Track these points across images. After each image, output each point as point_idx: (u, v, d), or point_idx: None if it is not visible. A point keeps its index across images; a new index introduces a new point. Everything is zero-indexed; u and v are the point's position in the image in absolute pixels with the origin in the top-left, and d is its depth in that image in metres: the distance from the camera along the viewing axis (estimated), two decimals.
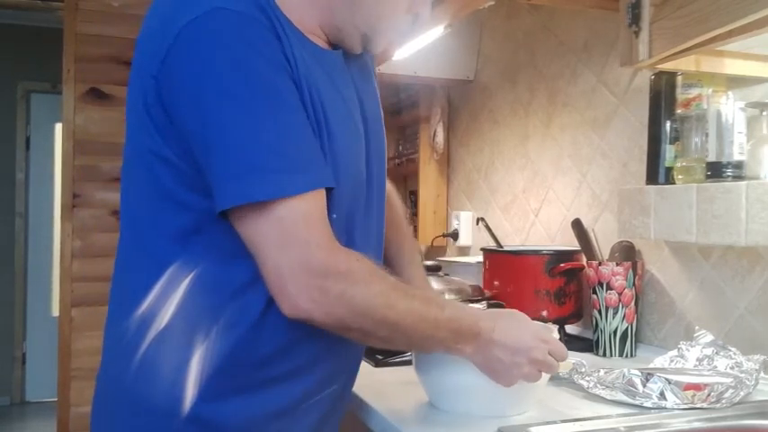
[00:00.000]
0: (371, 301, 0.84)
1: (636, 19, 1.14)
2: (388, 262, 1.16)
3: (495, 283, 1.65)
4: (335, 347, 0.93)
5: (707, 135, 1.24)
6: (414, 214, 2.80)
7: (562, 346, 0.99)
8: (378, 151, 1.02)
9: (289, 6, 0.88)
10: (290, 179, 0.80)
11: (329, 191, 0.86)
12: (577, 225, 1.60)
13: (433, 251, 2.61)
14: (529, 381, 0.96)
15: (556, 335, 1.03)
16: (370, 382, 1.11)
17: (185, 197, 0.84)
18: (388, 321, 0.86)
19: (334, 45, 0.97)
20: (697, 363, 1.20)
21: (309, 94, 0.85)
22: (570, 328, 1.67)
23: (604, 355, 1.46)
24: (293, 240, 0.80)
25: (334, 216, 0.88)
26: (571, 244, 1.67)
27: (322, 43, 0.95)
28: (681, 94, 1.36)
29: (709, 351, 1.20)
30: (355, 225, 0.94)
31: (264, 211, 0.79)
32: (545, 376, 1.02)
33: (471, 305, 1.16)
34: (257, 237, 0.80)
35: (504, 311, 1.04)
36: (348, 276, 0.83)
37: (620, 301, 1.45)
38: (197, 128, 0.80)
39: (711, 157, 1.23)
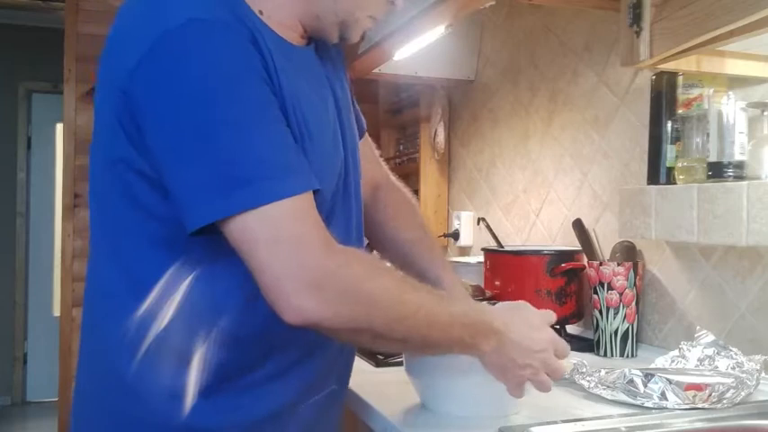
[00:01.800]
0: (380, 295, 0.80)
1: (637, 19, 1.14)
2: (419, 266, 1.13)
3: (497, 283, 1.65)
4: (329, 343, 0.92)
5: (708, 135, 1.24)
6: None
7: (565, 344, 0.97)
8: (352, 147, 1.01)
9: (260, 1, 0.86)
10: (278, 185, 0.77)
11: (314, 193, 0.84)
12: (578, 225, 1.60)
13: None
14: (539, 388, 0.95)
15: (553, 317, 0.99)
16: (371, 382, 1.11)
17: (160, 208, 0.82)
18: (400, 317, 0.81)
19: (309, 38, 0.96)
20: (698, 363, 1.20)
21: (289, 98, 0.84)
22: (571, 328, 1.67)
23: (605, 355, 1.46)
24: (286, 241, 0.76)
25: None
26: (572, 244, 1.67)
27: (295, 37, 0.93)
28: (682, 94, 1.36)
29: (710, 351, 1.20)
30: (334, 224, 0.93)
31: (255, 216, 0.76)
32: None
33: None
34: (249, 244, 0.76)
35: (507, 306, 0.99)
36: (350, 272, 0.79)
37: (620, 301, 1.45)
38: (170, 142, 0.77)
39: (712, 158, 1.23)
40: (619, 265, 1.46)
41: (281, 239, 0.76)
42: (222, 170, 0.76)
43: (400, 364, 1.34)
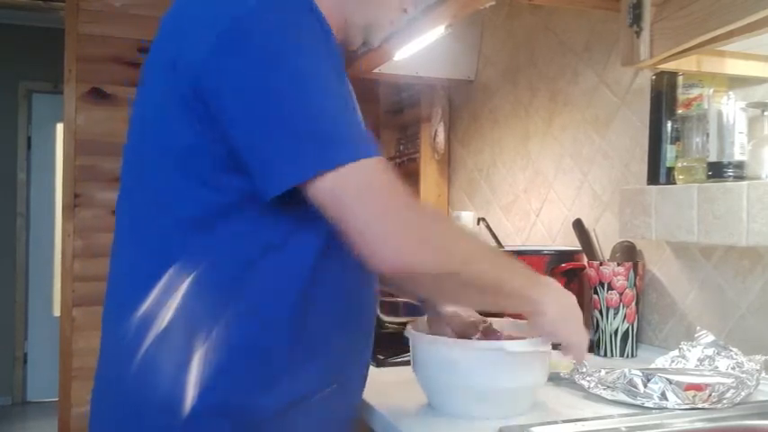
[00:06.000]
0: (460, 238, 0.89)
1: (637, 19, 1.14)
2: None
3: None
4: (332, 344, 0.93)
5: (708, 135, 1.24)
6: None
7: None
8: None
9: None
10: (363, 145, 0.82)
11: None
12: (578, 225, 1.60)
13: None
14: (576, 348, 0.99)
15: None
16: (372, 381, 1.11)
17: (223, 181, 0.84)
18: (477, 256, 0.89)
19: None
20: (698, 363, 1.20)
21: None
22: None
23: (605, 355, 1.46)
24: (381, 192, 0.81)
25: None
26: (572, 244, 1.67)
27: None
28: (682, 94, 1.36)
29: (710, 351, 1.20)
30: None
31: (345, 171, 0.79)
32: (541, 378, 1.03)
33: None
34: (342, 199, 0.80)
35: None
36: (437, 219, 0.88)
37: (620, 301, 1.45)
38: (254, 109, 0.79)
39: (712, 158, 1.23)
40: (619, 265, 1.46)
41: (377, 189, 0.81)
42: (314, 129, 0.79)
43: (401, 363, 1.34)
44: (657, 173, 1.39)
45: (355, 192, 0.80)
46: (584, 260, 1.59)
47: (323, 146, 0.79)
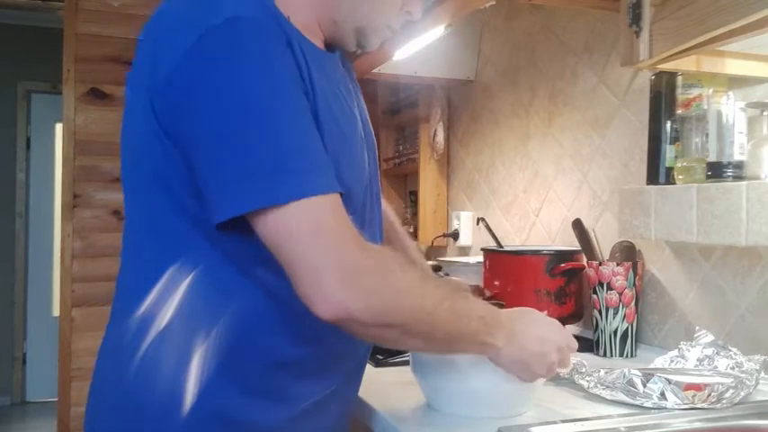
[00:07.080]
0: (409, 288, 0.83)
1: (636, 19, 1.14)
2: None
3: (496, 283, 1.65)
4: (331, 346, 0.93)
5: (707, 135, 1.24)
6: (414, 214, 2.80)
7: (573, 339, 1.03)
8: (373, 151, 1.04)
9: (286, 3, 0.87)
10: (320, 179, 0.79)
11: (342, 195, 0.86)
12: (578, 225, 1.60)
13: (434, 251, 2.61)
14: (554, 371, 0.99)
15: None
16: (371, 382, 1.11)
17: (190, 203, 0.83)
18: (427, 310, 0.84)
19: (329, 45, 0.99)
20: (697, 363, 1.20)
21: (321, 101, 0.86)
22: (570, 328, 1.67)
23: (605, 355, 1.46)
24: (326, 236, 0.77)
25: (351, 217, 0.89)
26: (572, 244, 1.67)
27: (319, 43, 0.96)
28: (681, 95, 1.36)
29: (709, 351, 1.20)
30: (365, 223, 0.96)
31: (291, 209, 0.76)
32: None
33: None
34: (285, 237, 0.77)
35: (512, 309, 1.03)
36: (383, 267, 0.82)
37: (620, 301, 1.45)
38: (211, 134, 0.78)
39: (712, 158, 1.23)
40: (618, 265, 1.46)
41: (322, 232, 0.77)
42: (265, 160, 0.76)
43: (400, 364, 1.34)
44: (657, 173, 1.39)
45: (303, 232, 0.76)
46: (584, 260, 1.59)
47: (272, 178, 0.76)
